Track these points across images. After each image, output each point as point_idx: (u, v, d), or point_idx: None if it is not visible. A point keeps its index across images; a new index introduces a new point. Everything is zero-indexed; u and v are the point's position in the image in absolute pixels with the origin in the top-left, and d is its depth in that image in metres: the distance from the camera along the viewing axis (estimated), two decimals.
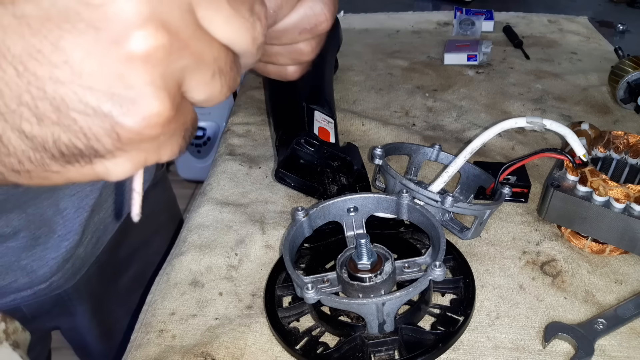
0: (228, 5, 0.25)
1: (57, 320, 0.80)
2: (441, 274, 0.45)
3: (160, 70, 0.23)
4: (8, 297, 0.68)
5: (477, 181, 0.63)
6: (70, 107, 0.22)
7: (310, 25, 0.39)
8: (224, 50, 0.26)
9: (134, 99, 0.23)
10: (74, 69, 0.22)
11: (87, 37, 0.21)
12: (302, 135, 0.65)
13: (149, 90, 0.23)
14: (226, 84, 0.27)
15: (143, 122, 0.23)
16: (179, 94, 0.25)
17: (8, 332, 0.61)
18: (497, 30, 1.16)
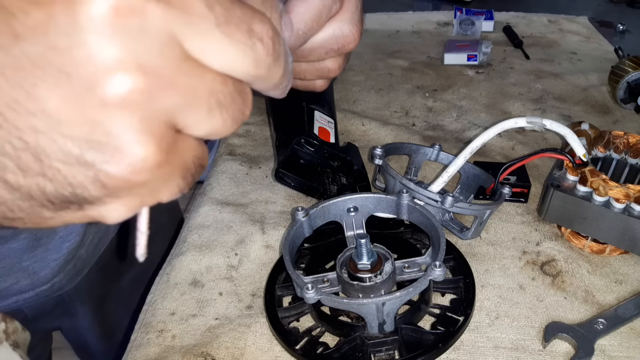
0: (219, 31, 0.23)
1: (59, 321, 0.80)
2: (441, 274, 0.45)
3: (140, 115, 0.22)
4: (10, 299, 0.68)
5: (477, 181, 0.63)
6: (52, 157, 0.22)
7: (338, 45, 0.39)
8: (222, 80, 0.24)
9: (115, 146, 0.22)
10: (51, 118, 0.21)
11: (60, 84, 0.20)
12: (302, 135, 0.65)
13: (130, 136, 0.22)
14: (229, 116, 0.25)
15: (128, 169, 0.22)
16: (170, 134, 0.23)
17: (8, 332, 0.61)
18: (497, 30, 1.16)
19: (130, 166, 0.22)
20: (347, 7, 0.38)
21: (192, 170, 0.26)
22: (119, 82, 0.21)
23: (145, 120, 0.22)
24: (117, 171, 0.22)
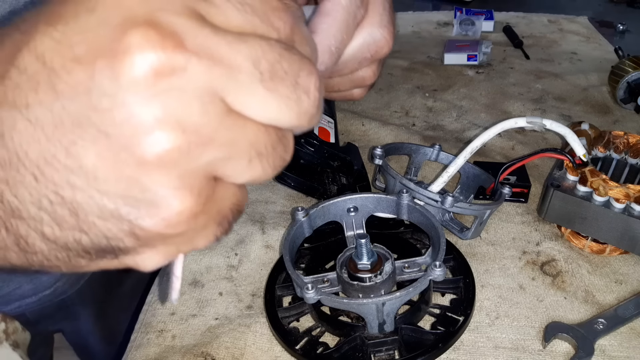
0: (262, 87, 0.22)
1: (60, 324, 0.80)
2: (441, 274, 0.45)
3: (178, 172, 0.22)
4: (13, 304, 0.67)
5: (477, 181, 0.63)
6: (88, 211, 0.22)
7: (371, 52, 0.38)
8: (263, 131, 0.24)
9: (152, 201, 0.22)
10: (89, 175, 0.21)
11: (98, 142, 0.20)
12: (302, 135, 0.65)
13: (166, 192, 0.22)
14: (270, 165, 0.25)
15: (163, 222, 0.22)
16: (208, 186, 0.23)
17: (8, 332, 0.61)
18: (497, 30, 1.16)
19: (165, 220, 0.22)
20: (374, 10, 0.37)
21: (229, 217, 0.26)
22: (157, 142, 0.20)
23: (183, 177, 0.22)
24: (152, 225, 0.22)
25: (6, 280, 0.65)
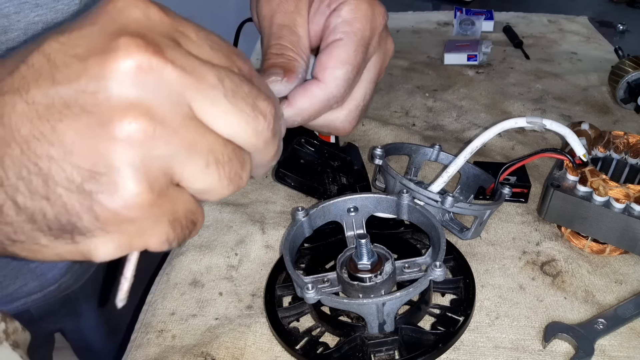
0: (226, 100, 0.27)
1: (63, 321, 0.81)
2: (441, 274, 0.45)
3: (141, 153, 0.25)
4: (19, 301, 0.68)
5: (477, 181, 0.63)
6: (58, 182, 0.25)
7: (329, 129, 0.44)
8: (222, 142, 0.27)
9: (113, 180, 0.25)
10: (66, 148, 0.24)
11: (80, 120, 0.24)
12: (302, 135, 0.65)
13: (128, 171, 0.25)
14: (225, 175, 0.28)
15: (119, 202, 0.25)
16: (164, 179, 0.26)
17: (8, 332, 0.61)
18: (497, 30, 1.16)
19: (122, 200, 0.25)
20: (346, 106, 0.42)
21: (182, 222, 0.28)
22: (128, 122, 0.24)
23: (144, 161, 0.25)
24: (109, 202, 0.25)
25: (13, 277, 0.66)
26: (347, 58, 0.40)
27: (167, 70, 0.25)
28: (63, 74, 0.24)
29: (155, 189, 0.26)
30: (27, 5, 0.49)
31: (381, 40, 0.42)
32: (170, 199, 0.27)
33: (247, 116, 0.27)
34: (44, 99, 0.24)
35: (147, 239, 0.27)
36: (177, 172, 0.27)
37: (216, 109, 0.26)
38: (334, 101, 0.40)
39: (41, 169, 0.24)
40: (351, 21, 0.41)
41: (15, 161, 0.25)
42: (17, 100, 0.24)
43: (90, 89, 0.24)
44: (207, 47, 0.27)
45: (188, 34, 0.27)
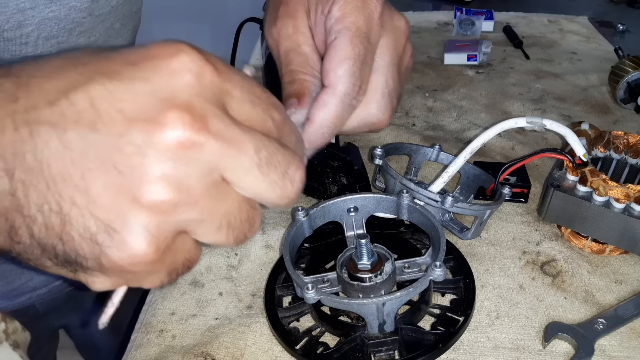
0: (259, 171, 0.27)
1: (67, 317, 0.81)
2: (441, 274, 0.45)
3: (159, 219, 0.26)
4: (24, 295, 0.69)
5: (477, 181, 0.63)
6: (75, 226, 0.25)
7: (368, 128, 0.44)
8: (238, 206, 0.28)
9: (124, 238, 0.25)
10: (90, 197, 0.25)
11: (110, 176, 0.25)
12: None
13: (141, 233, 0.26)
14: (234, 237, 0.29)
15: (125, 258, 0.26)
16: (172, 237, 0.27)
17: (8, 332, 0.61)
18: (497, 30, 1.16)
19: (128, 257, 0.26)
20: (372, 97, 0.42)
21: (179, 270, 0.30)
22: (156, 192, 0.25)
23: (159, 225, 0.26)
24: (116, 257, 0.26)
25: (18, 273, 0.66)
26: (345, 54, 0.39)
27: (208, 144, 0.25)
28: (105, 126, 0.25)
29: (162, 248, 0.27)
30: (42, 1, 0.50)
31: (384, 22, 0.42)
32: (173, 252, 0.28)
33: (276, 184, 0.28)
34: (79, 144, 0.24)
35: (142, 283, 0.29)
36: (189, 230, 0.28)
37: (247, 178, 0.27)
38: (349, 100, 0.40)
39: (62, 210, 0.25)
40: (342, 17, 0.41)
41: (40, 195, 0.25)
42: (54, 137, 0.24)
43: (128, 151, 0.24)
44: (248, 103, 0.29)
45: (233, 91, 0.28)
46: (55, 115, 0.25)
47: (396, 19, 0.44)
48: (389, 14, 0.43)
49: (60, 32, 0.53)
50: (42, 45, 0.52)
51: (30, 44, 0.51)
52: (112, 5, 0.57)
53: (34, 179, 0.25)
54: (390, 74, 0.43)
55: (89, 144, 0.24)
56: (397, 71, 0.43)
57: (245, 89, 0.29)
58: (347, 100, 0.40)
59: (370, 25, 0.41)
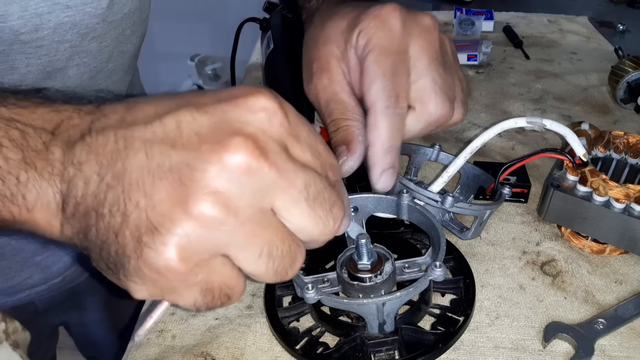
0: (306, 204, 0.30)
1: (67, 315, 0.81)
2: (441, 275, 0.45)
3: (201, 232, 0.28)
4: (23, 292, 0.70)
5: (477, 181, 0.63)
6: (129, 225, 0.28)
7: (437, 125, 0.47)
8: (281, 237, 0.30)
9: (163, 242, 0.28)
10: (151, 203, 0.28)
11: (174, 186, 0.28)
12: None
13: (178, 241, 0.28)
14: (273, 269, 0.30)
15: (158, 262, 0.28)
16: (208, 254, 0.29)
17: (8, 332, 0.61)
18: (497, 30, 1.16)
19: (160, 261, 0.28)
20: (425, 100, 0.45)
21: (215, 293, 0.31)
22: (206, 205, 0.27)
23: (199, 238, 0.28)
24: (151, 258, 0.28)
25: (18, 269, 0.67)
26: (374, 73, 0.43)
27: (263, 171, 0.28)
28: (182, 145, 0.28)
29: (193, 261, 0.28)
30: (59, 7, 0.51)
31: (409, 28, 0.44)
32: (208, 270, 0.29)
33: (320, 220, 0.31)
34: (159, 157, 0.28)
35: (176, 298, 0.30)
36: (229, 255, 0.30)
37: (294, 209, 0.30)
38: (392, 111, 0.43)
39: (126, 210, 0.28)
40: (367, 43, 0.44)
41: (115, 196, 0.28)
42: (142, 150, 0.28)
43: (194, 166, 0.28)
44: (309, 152, 0.31)
45: (298, 139, 0.31)
46: (148, 132, 0.29)
47: (421, 20, 0.46)
48: (412, 18, 0.45)
49: (74, 36, 0.54)
50: (56, 49, 0.53)
51: (45, 47, 0.52)
52: (125, 12, 0.59)
53: (116, 183, 0.28)
54: (434, 72, 0.44)
55: (166, 158, 0.28)
56: (441, 66, 0.45)
57: (309, 142, 0.32)
58: (390, 112, 0.43)
59: (393, 39, 0.44)
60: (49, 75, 0.55)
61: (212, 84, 2.47)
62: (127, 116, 0.30)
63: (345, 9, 0.49)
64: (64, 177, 0.29)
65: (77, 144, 0.30)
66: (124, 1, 0.58)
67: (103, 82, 0.62)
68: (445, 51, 0.47)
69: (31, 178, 0.30)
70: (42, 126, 0.31)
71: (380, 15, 0.44)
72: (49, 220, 0.31)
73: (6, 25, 0.49)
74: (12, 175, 0.30)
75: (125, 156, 0.28)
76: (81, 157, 0.29)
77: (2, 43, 0.49)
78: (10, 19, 0.49)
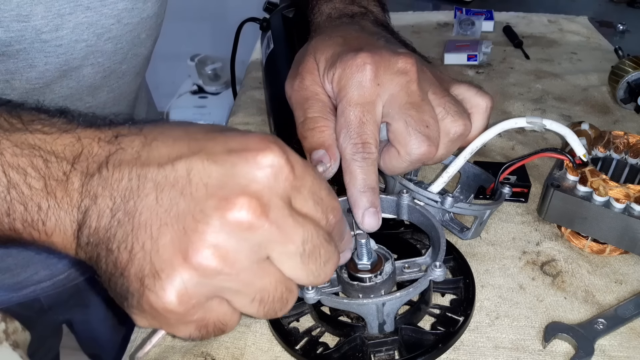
0: (300, 259, 0.32)
1: (72, 312, 0.82)
2: (441, 275, 0.45)
3: (198, 281, 0.29)
4: (29, 288, 0.71)
5: (477, 181, 0.63)
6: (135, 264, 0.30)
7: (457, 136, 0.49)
8: (274, 284, 0.32)
9: (163, 286, 0.29)
10: (156, 247, 0.29)
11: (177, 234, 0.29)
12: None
13: (176, 287, 0.29)
14: (264, 312, 0.32)
15: (158, 304, 0.29)
16: (202, 300, 0.30)
17: (8, 332, 0.61)
18: (497, 30, 1.16)
19: (160, 303, 0.29)
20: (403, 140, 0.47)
21: (209, 328, 0.32)
22: (205, 256, 0.29)
23: (197, 285, 0.29)
24: (152, 300, 0.30)
25: (24, 266, 0.68)
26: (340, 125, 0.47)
27: (264, 228, 0.30)
28: (190, 194, 0.30)
29: (191, 304, 0.30)
30: (80, 8, 0.53)
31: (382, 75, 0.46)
32: (204, 310, 0.31)
33: (311, 274, 0.33)
34: (167, 203, 0.30)
35: (173, 331, 0.32)
36: (224, 297, 0.31)
37: (289, 262, 0.31)
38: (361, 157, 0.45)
39: (133, 250, 0.29)
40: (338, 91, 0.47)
41: (124, 234, 0.30)
42: (153, 192, 0.30)
43: (198, 218, 0.29)
44: (311, 202, 0.33)
45: (301, 190, 0.32)
46: (160, 175, 0.30)
47: (395, 64, 0.47)
48: (386, 65, 0.47)
49: (90, 36, 0.55)
50: (73, 47, 0.54)
51: (64, 46, 0.53)
52: (143, 17, 0.60)
53: (126, 221, 0.30)
54: (407, 116, 0.46)
55: (174, 205, 0.29)
56: (414, 108, 0.47)
57: (313, 190, 0.33)
58: (359, 157, 0.45)
59: (363, 89, 0.46)
60: (65, 74, 0.56)
61: (212, 84, 2.47)
62: (143, 153, 0.31)
63: (338, 32, 0.53)
64: (80, 207, 0.31)
65: (95, 177, 0.31)
66: (143, 6, 0.59)
67: (115, 83, 0.63)
68: (423, 89, 0.48)
69: (51, 206, 0.32)
70: (64, 155, 0.32)
71: (353, 66, 0.46)
72: (65, 245, 0.33)
73: (29, 25, 0.50)
74: (34, 203, 0.32)
75: (137, 196, 0.30)
76: (97, 190, 0.31)
77: (24, 42, 0.51)
78: (34, 19, 0.50)
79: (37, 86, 0.54)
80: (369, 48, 0.48)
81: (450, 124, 0.48)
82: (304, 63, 0.51)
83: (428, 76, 0.49)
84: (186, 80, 2.54)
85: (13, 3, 0.48)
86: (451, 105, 0.49)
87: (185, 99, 2.49)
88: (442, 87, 0.50)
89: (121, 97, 0.66)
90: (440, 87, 0.50)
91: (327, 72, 0.49)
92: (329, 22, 0.58)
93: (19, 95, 0.54)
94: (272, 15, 0.80)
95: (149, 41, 0.65)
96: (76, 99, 0.59)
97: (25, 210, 0.32)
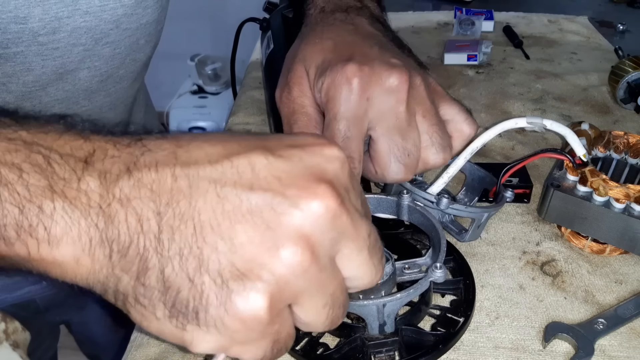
0: (367, 252, 0.31)
1: (69, 313, 0.82)
2: (442, 276, 0.45)
3: (287, 278, 0.27)
4: (24, 289, 0.70)
5: (482, 183, 0.62)
6: (209, 271, 0.27)
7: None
8: (341, 288, 0.31)
9: (253, 288, 0.27)
10: (233, 246, 0.27)
11: (257, 230, 0.27)
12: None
13: (267, 288, 0.27)
14: (330, 318, 0.31)
15: (247, 308, 0.27)
16: (283, 307, 0.29)
17: (8, 332, 0.61)
18: (497, 30, 1.16)
19: (249, 308, 0.27)
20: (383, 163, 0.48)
21: (280, 345, 0.30)
22: (296, 250, 0.27)
23: (284, 284, 0.27)
24: (240, 305, 0.27)
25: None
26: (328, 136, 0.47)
27: (342, 219, 0.29)
28: (261, 187, 0.28)
29: (275, 310, 0.28)
30: (79, 12, 0.52)
31: (371, 90, 0.46)
32: (281, 319, 0.29)
33: (374, 268, 0.32)
34: (234, 199, 0.27)
35: (244, 351, 0.29)
36: (297, 303, 0.29)
37: (358, 257, 0.31)
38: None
39: (202, 254, 0.27)
40: (326, 102, 0.46)
41: (183, 238, 0.27)
42: (211, 190, 0.27)
43: (279, 210, 0.27)
44: (359, 201, 0.32)
45: (353, 188, 0.32)
46: (215, 172, 0.28)
47: (386, 81, 0.46)
48: (376, 80, 0.46)
49: (88, 40, 0.55)
50: (70, 51, 0.54)
51: (60, 50, 0.53)
52: (142, 23, 0.60)
53: (182, 224, 0.27)
54: (390, 140, 0.46)
55: (243, 200, 0.27)
56: (399, 133, 0.46)
57: (358, 190, 0.33)
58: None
59: (350, 103, 0.45)
60: (61, 77, 0.55)
61: (212, 84, 2.47)
62: (181, 153, 0.28)
63: (329, 33, 0.52)
64: (105, 211, 0.27)
65: (122, 178, 0.27)
66: (143, 12, 0.59)
67: (112, 87, 0.62)
68: (411, 111, 0.47)
69: (58, 208, 0.27)
70: (71, 153, 0.28)
71: (342, 78, 0.45)
72: (77, 258, 0.28)
73: (27, 27, 0.49)
74: (34, 204, 0.26)
75: (189, 195, 0.27)
76: (130, 192, 0.27)
77: (21, 44, 0.50)
78: (31, 22, 0.49)
79: (33, 89, 0.54)
80: (360, 58, 0.47)
81: (432, 155, 0.48)
82: (292, 71, 0.50)
83: (419, 93, 0.48)
84: (186, 80, 2.54)
85: (11, 5, 0.48)
86: (437, 137, 0.48)
87: (185, 99, 2.50)
88: (432, 110, 0.49)
89: (118, 102, 0.66)
90: (430, 109, 0.49)
91: (317, 81, 0.48)
92: (322, 17, 0.56)
93: (15, 98, 0.54)
94: (272, 15, 0.80)
95: (148, 47, 0.65)
96: (72, 102, 0.59)
97: (20, 214, 0.26)
